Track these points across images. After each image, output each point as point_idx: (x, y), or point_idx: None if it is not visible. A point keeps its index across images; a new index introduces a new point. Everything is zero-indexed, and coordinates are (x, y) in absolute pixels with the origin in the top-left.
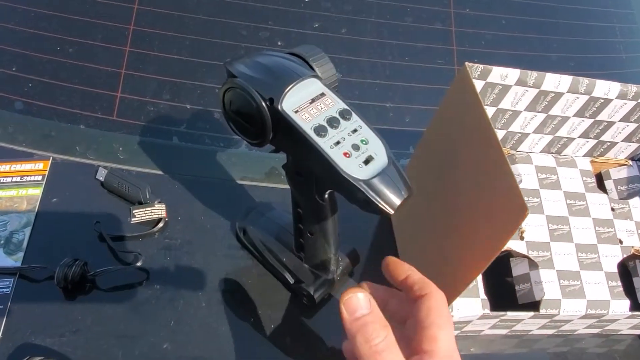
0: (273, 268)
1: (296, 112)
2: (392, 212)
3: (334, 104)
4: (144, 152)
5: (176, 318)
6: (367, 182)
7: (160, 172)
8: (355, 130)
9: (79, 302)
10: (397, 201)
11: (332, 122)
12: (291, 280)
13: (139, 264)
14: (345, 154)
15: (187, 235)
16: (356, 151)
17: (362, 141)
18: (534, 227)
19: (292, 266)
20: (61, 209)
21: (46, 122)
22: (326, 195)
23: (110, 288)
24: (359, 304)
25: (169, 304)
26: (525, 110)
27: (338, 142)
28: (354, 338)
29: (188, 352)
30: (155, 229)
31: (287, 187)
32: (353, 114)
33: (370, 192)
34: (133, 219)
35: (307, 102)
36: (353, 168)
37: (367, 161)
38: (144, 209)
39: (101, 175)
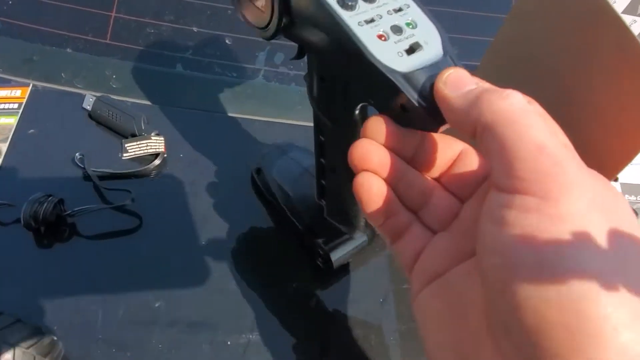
0: (287, 218)
1: None
2: (441, 126)
3: None
4: (141, 82)
5: (172, 272)
6: (406, 76)
7: (160, 105)
8: (400, 10)
9: (53, 249)
10: None
11: None
12: (308, 236)
13: (127, 201)
14: (380, 36)
15: (189, 175)
16: (397, 34)
17: (407, 24)
18: (630, 166)
19: (310, 216)
20: (39, 142)
21: (28, 45)
22: (357, 111)
23: (92, 234)
24: (466, 78)
25: (163, 255)
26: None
27: (372, 20)
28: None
29: (184, 313)
30: (151, 165)
31: (312, 125)
32: None
33: (411, 91)
34: (125, 155)
35: None
36: (389, 55)
37: (411, 49)
38: (138, 142)
39: (88, 103)
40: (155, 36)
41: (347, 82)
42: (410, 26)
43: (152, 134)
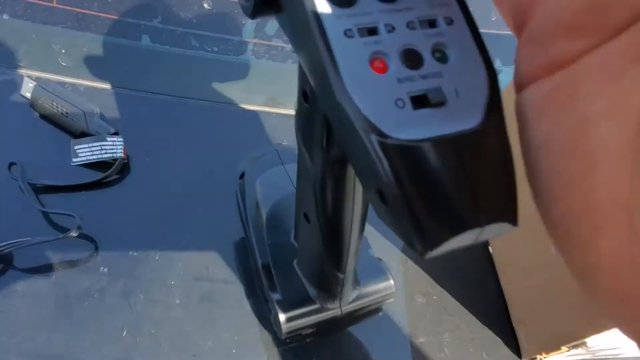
0: (250, 245)
1: None
2: (428, 253)
3: None
4: (98, 58)
5: (132, 324)
6: (393, 147)
7: (120, 89)
8: (432, 24)
9: None
10: (461, 230)
11: None
12: (264, 282)
13: (73, 233)
14: (374, 62)
15: (157, 185)
16: (408, 66)
17: (436, 52)
18: None
19: (274, 256)
20: None
21: None
22: (340, 153)
23: (25, 274)
24: None
25: (121, 300)
26: None
27: (371, 31)
28: None
29: None
30: (107, 175)
31: None
32: None
33: (391, 177)
34: (75, 159)
35: None
36: (378, 100)
37: (423, 100)
38: (90, 145)
39: (27, 89)
40: None
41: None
42: (441, 57)
43: (108, 134)
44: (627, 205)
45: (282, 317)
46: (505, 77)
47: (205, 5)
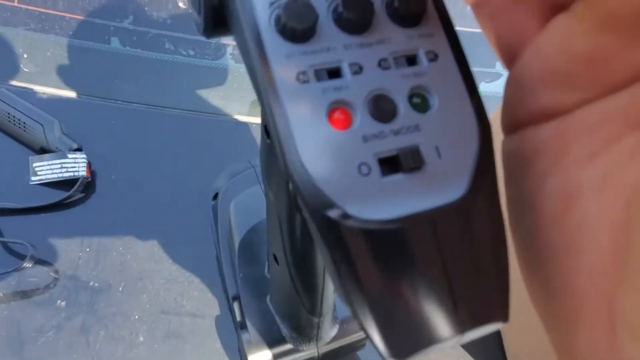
0: (221, 272)
1: None
2: None
3: None
4: (63, 63)
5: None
6: (354, 232)
7: (88, 97)
8: (412, 61)
9: None
10: (435, 342)
11: (348, 8)
12: (235, 318)
13: (27, 264)
14: (335, 114)
15: (124, 207)
16: (378, 119)
17: (414, 99)
18: None
19: (245, 289)
20: None
21: None
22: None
23: None
24: None
25: (79, 337)
26: None
27: (333, 73)
28: None
29: None
30: (69, 196)
31: None
32: (430, 7)
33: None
34: (34, 178)
35: None
36: (335, 164)
37: (395, 163)
38: (50, 162)
39: None
40: None
41: None
42: (420, 105)
43: (70, 150)
44: (610, 298)
45: (251, 358)
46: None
47: (181, 5)
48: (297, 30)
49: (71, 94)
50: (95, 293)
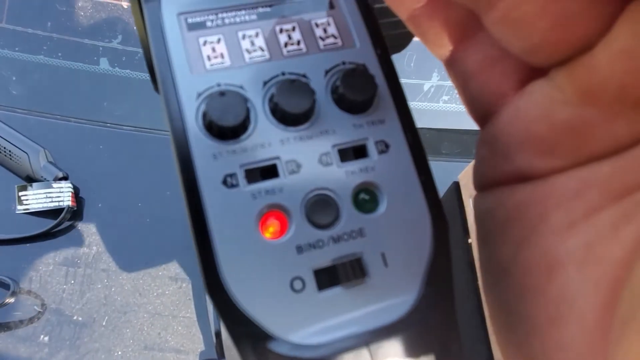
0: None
1: (192, 27)
2: None
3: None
4: (50, 85)
5: None
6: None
7: (76, 121)
8: (360, 150)
9: None
10: None
11: (285, 97)
12: (218, 353)
13: (9, 299)
14: (268, 221)
15: (110, 237)
16: (317, 224)
17: (360, 193)
18: None
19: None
20: None
21: None
22: None
23: None
24: None
25: None
26: None
27: (267, 173)
28: None
29: None
30: (54, 226)
31: None
32: (382, 89)
33: None
34: (20, 207)
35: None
36: (268, 285)
37: (333, 272)
38: (35, 192)
39: None
40: (68, 16)
41: None
42: (366, 204)
43: (56, 179)
44: None
45: None
46: None
47: None
48: (225, 128)
49: (59, 117)
50: (79, 327)
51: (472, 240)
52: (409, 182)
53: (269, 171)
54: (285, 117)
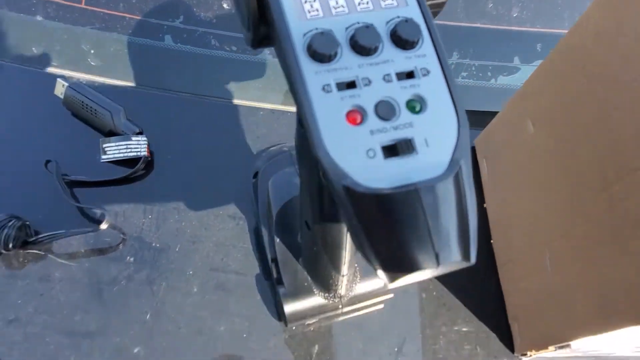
0: (260, 241)
1: None
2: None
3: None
4: (123, 58)
5: (155, 309)
6: (361, 195)
7: (145, 88)
8: (410, 75)
9: (18, 279)
10: (419, 269)
11: (361, 38)
12: (273, 273)
13: (103, 226)
14: (351, 115)
15: (179, 182)
16: (381, 117)
17: (410, 103)
18: None
19: (283, 253)
20: (2, 139)
21: None
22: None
23: (62, 261)
24: None
25: (145, 287)
26: None
27: (350, 86)
28: None
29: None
30: (133, 172)
31: None
32: (424, 34)
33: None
34: (104, 157)
35: None
36: (348, 149)
37: (394, 149)
38: (117, 144)
39: (60, 90)
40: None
41: None
42: (414, 108)
43: (133, 133)
44: None
45: (287, 308)
46: (524, 75)
47: (225, 5)
48: (324, 55)
49: (131, 84)
50: (157, 252)
51: (487, 205)
52: (442, 95)
53: (351, 84)
54: (361, 50)
